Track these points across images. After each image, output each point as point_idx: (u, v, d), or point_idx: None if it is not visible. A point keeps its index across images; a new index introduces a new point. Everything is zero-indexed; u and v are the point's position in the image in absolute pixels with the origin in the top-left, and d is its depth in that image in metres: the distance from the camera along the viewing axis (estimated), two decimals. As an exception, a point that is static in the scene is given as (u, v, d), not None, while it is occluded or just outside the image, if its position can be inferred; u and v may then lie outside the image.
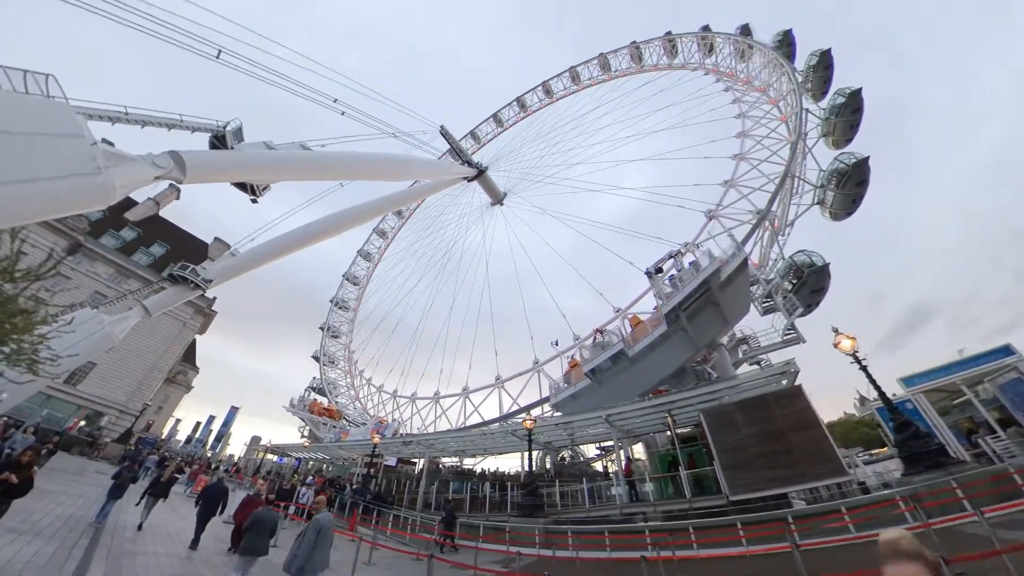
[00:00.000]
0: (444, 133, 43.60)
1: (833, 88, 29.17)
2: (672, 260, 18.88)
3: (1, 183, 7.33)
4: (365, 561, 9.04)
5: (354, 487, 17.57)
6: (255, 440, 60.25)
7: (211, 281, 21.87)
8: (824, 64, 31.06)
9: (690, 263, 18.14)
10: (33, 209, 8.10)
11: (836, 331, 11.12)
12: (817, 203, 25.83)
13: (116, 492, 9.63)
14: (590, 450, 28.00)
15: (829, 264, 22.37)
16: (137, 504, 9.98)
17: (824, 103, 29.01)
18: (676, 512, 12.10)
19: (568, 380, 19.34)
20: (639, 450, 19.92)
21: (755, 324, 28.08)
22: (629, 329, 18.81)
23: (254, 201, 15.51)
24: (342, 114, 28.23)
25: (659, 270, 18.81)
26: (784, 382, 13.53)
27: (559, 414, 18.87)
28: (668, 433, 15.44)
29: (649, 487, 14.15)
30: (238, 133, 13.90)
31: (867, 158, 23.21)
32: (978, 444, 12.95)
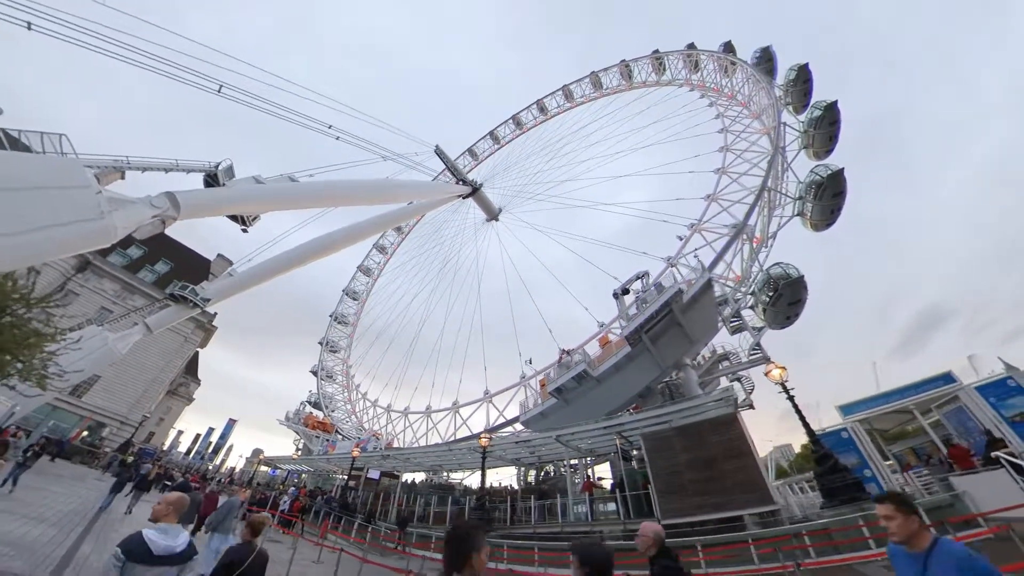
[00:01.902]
0: (439, 153, 45.65)
1: (813, 100, 30.44)
2: (640, 281, 19.96)
3: (25, 231, 9.11)
4: (315, 560, 10.41)
5: (325, 497, 18.92)
6: (257, 452, 61.82)
7: (209, 300, 23.76)
8: (803, 78, 32.10)
9: (654, 284, 19.19)
10: (50, 251, 9.87)
11: (768, 359, 12.05)
12: (797, 215, 26.79)
13: (117, 487, 12.39)
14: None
15: (804, 276, 22.91)
16: (126, 496, 12.76)
17: (802, 116, 30.23)
18: (610, 533, 12.43)
19: (541, 398, 20.42)
20: (605, 469, 20.66)
21: (737, 340, 28.88)
22: (599, 349, 19.89)
23: (244, 231, 17.29)
24: (337, 139, 30.24)
25: (626, 291, 19.92)
26: (726, 410, 13.35)
27: (525, 430, 19.90)
28: (635, 454, 16.14)
29: (607, 506, 14.69)
30: (229, 171, 15.70)
31: (842, 169, 23.90)
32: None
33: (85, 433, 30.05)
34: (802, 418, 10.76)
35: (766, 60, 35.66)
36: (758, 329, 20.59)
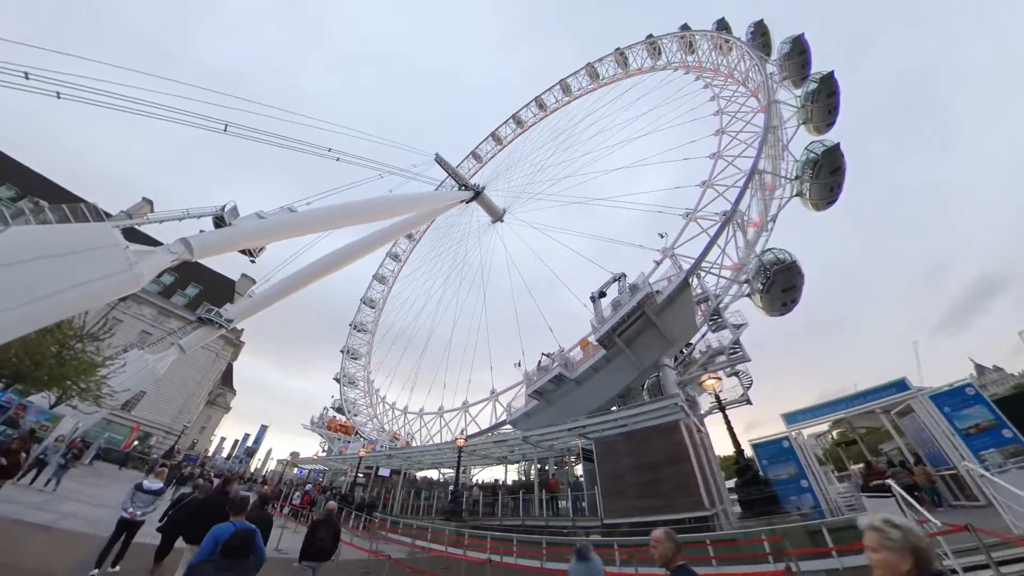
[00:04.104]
0: (439, 161, 47.69)
1: (812, 72, 29.70)
2: (616, 283, 21.12)
3: (72, 287, 11.81)
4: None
5: (331, 492, 21.66)
6: (294, 455, 67.01)
7: (232, 320, 27.07)
8: (799, 50, 31.16)
9: (629, 286, 20.27)
10: (90, 301, 12.59)
11: (705, 368, 12.99)
12: (796, 195, 26.72)
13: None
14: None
15: (797, 261, 22.30)
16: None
17: (799, 91, 29.76)
18: (560, 528, 13.76)
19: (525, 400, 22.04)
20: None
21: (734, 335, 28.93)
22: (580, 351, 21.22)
23: (252, 261, 19.95)
24: (337, 160, 32.75)
25: (603, 294, 21.14)
26: (673, 417, 13.11)
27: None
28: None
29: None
30: (234, 211, 18.32)
31: (837, 144, 23.57)
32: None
33: (136, 442, 34.64)
34: (730, 428, 11.53)
35: (760, 35, 34.95)
36: (737, 327, 21.38)
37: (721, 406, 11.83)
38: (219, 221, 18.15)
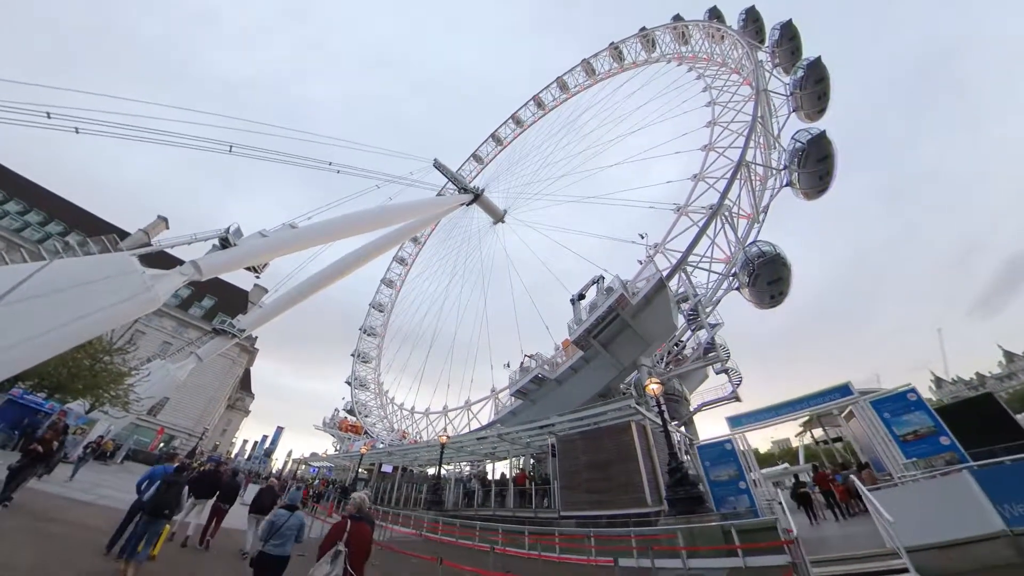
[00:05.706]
0: (438, 166, 49.37)
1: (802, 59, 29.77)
2: (595, 285, 22.32)
3: (98, 310, 14.10)
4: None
5: (335, 487, 24.09)
6: (314, 455, 70.74)
7: (244, 330, 29.66)
8: (788, 36, 31.23)
9: (604, 288, 21.44)
10: (116, 321, 14.85)
11: (649, 373, 13.88)
12: (787, 185, 27.15)
13: None
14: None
15: (781, 254, 22.89)
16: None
17: (786, 79, 30.07)
18: (522, 518, 14.60)
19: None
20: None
21: (726, 333, 29.40)
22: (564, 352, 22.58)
23: (257, 277, 22.24)
24: (338, 172, 34.85)
25: (582, 296, 22.40)
26: (626, 418, 13.81)
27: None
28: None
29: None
30: (237, 232, 20.56)
31: (823, 133, 23.95)
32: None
33: (161, 444, 38.07)
34: (666, 431, 12.03)
35: (753, 21, 35.09)
36: (713, 326, 22.30)
37: (661, 410, 12.18)
38: (224, 242, 20.47)
